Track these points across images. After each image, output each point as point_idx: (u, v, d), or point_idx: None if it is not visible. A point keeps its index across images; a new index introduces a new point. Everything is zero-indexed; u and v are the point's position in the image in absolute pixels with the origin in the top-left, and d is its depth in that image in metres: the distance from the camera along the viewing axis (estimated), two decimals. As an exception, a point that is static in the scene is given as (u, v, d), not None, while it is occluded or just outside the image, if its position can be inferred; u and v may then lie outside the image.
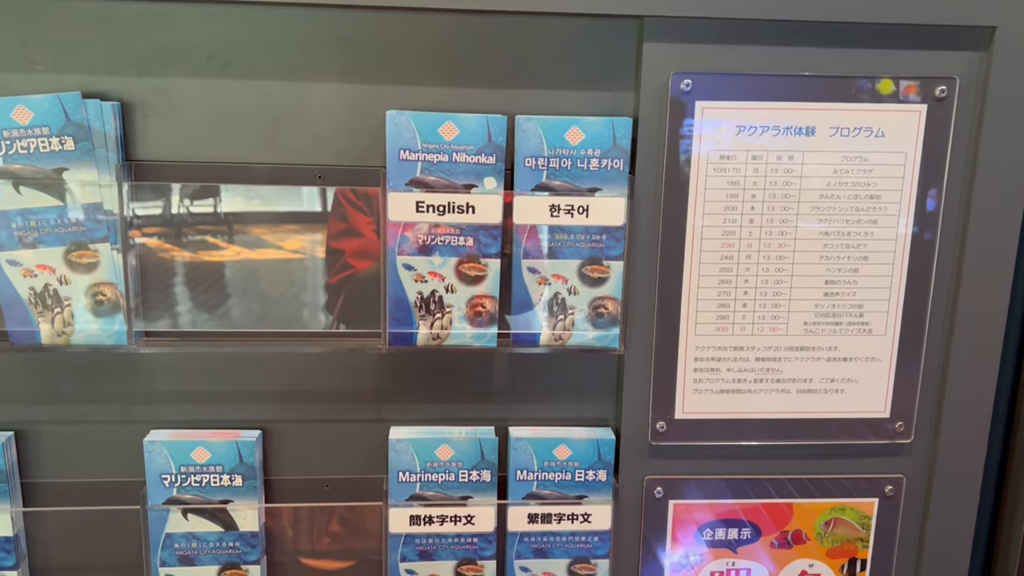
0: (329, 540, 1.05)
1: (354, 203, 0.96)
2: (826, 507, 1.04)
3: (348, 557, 1.06)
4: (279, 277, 0.97)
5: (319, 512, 1.04)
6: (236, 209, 0.94)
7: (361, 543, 1.05)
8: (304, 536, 1.05)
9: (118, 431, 0.99)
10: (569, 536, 1.03)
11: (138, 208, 0.92)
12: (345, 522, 1.05)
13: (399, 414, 1.03)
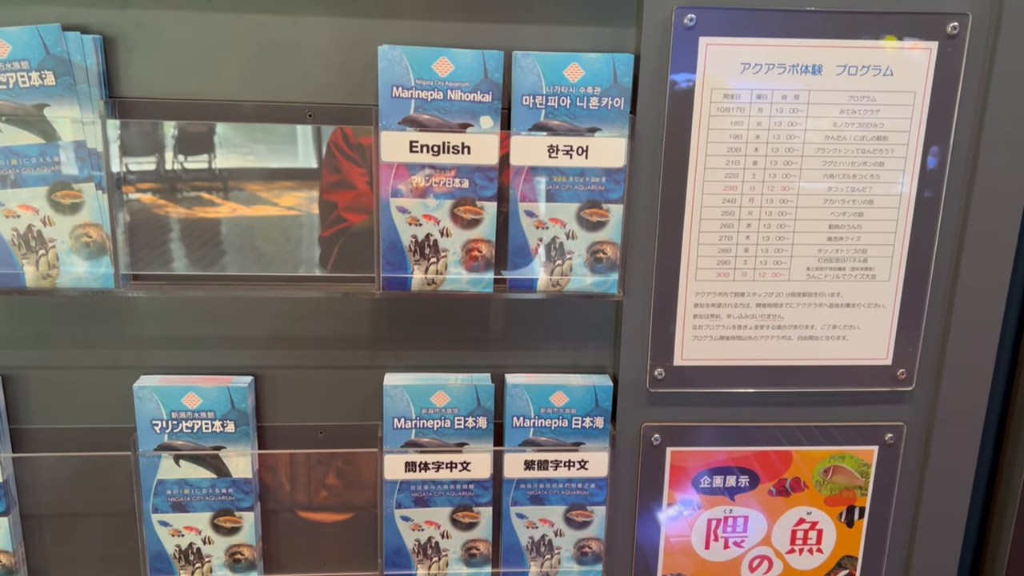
0: (326, 493, 1.04)
1: (347, 154, 0.93)
2: (825, 455, 1.03)
3: (345, 510, 1.05)
4: (274, 234, 0.95)
5: (315, 465, 1.03)
6: (231, 165, 0.92)
7: (358, 496, 1.04)
8: (301, 489, 1.04)
9: (107, 377, 0.97)
10: (566, 483, 1.02)
11: (131, 163, 0.90)
12: (342, 475, 1.04)
13: (394, 361, 1.01)
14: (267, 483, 1.02)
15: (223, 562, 1.00)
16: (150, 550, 0.99)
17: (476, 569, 1.04)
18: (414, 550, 1.02)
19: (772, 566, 1.06)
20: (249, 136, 0.92)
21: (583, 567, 1.05)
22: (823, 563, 1.07)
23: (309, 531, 1.05)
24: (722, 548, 1.06)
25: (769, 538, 1.05)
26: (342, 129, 0.92)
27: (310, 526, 1.05)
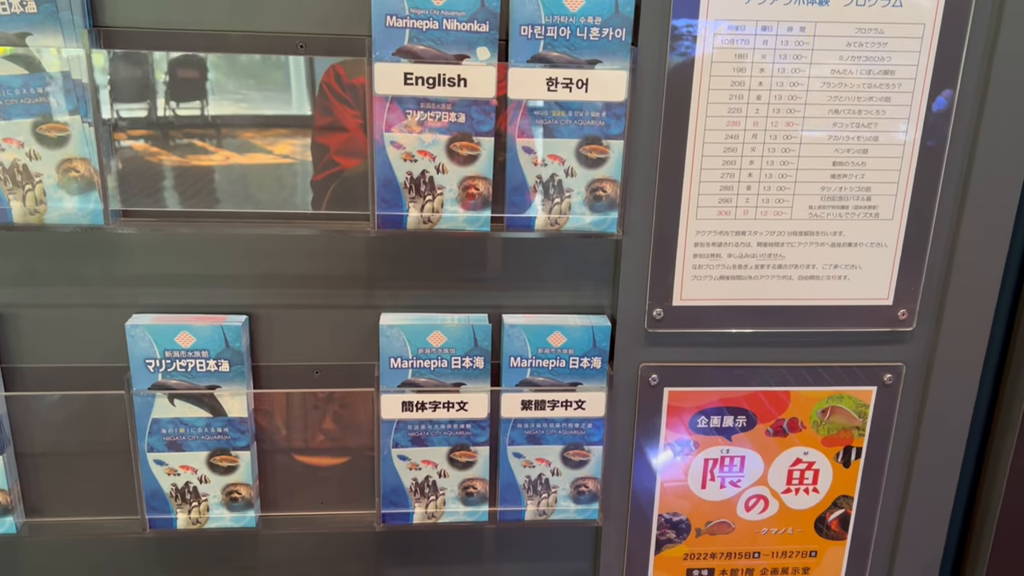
0: (323, 437, 1.04)
1: (339, 95, 0.91)
2: (823, 395, 1.03)
3: (342, 454, 1.05)
4: (268, 182, 0.93)
5: (312, 409, 1.03)
6: (224, 112, 0.89)
7: (355, 439, 1.04)
8: (298, 433, 1.03)
9: (99, 315, 0.96)
10: (563, 423, 1.02)
11: (122, 109, 0.87)
12: (338, 419, 1.04)
13: (390, 300, 1.00)
14: (264, 427, 1.01)
15: (220, 501, 1.00)
16: (146, 489, 0.99)
17: (473, 507, 1.04)
18: (411, 489, 1.02)
19: (768, 505, 1.07)
20: (242, 82, 0.89)
21: (579, 506, 1.05)
22: (819, 503, 1.07)
23: (306, 474, 1.05)
24: (718, 488, 1.06)
25: (765, 478, 1.06)
26: (335, 69, 0.89)
27: (307, 469, 1.05)
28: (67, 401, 0.97)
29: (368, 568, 1.10)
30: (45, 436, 0.99)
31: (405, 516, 1.03)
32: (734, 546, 1.08)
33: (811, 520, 1.08)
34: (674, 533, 1.08)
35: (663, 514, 1.07)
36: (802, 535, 1.08)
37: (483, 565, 1.12)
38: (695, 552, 1.08)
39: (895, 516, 1.09)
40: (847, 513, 1.08)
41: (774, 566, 1.09)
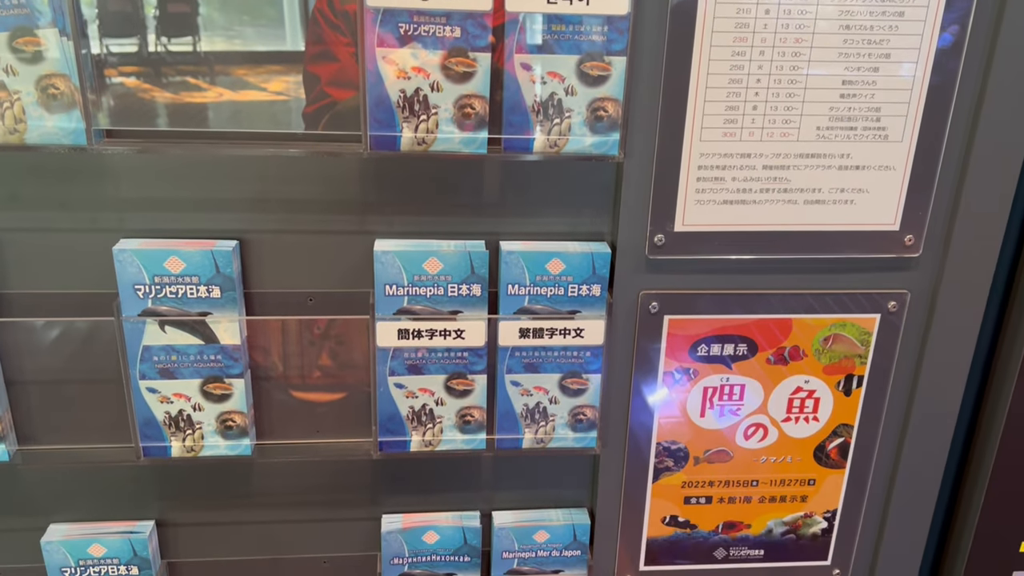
0: (319, 373, 1.03)
1: (331, 21, 0.87)
2: (826, 323, 1.01)
3: (339, 390, 1.04)
4: (263, 120, 0.91)
5: (308, 346, 1.01)
6: (216, 48, 0.86)
7: (352, 376, 1.03)
8: (294, 370, 1.02)
9: (86, 240, 0.94)
10: (561, 351, 1.00)
11: (112, 44, 0.84)
12: (335, 355, 1.02)
13: (384, 227, 0.97)
14: (260, 363, 1.00)
15: (214, 429, 0.99)
16: (139, 417, 0.97)
17: (471, 436, 1.03)
18: (408, 417, 1.01)
19: (767, 434, 1.06)
20: (234, 18, 0.86)
21: (577, 434, 1.04)
22: (819, 431, 1.06)
23: (303, 405, 1.04)
24: (717, 416, 1.05)
25: (765, 406, 1.05)
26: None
27: (304, 405, 1.04)
28: (56, 328, 0.95)
29: (366, 497, 1.10)
30: (35, 363, 0.97)
31: (402, 444, 1.03)
32: (732, 474, 1.08)
33: (810, 449, 1.07)
34: (672, 461, 1.07)
35: (661, 442, 1.06)
36: (801, 464, 1.08)
37: (481, 492, 1.11)
38: (693, 480, 1.08)
39: (895, 445, 1.09)
40: (847, 442, 1.07)
41: (772, 494, 1.09)
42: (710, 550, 1.12)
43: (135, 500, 1.06)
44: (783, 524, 1.11)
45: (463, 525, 1.09)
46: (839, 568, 1.14)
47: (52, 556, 1.02)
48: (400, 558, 1.09)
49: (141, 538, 1.03)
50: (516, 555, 1.11)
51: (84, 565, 1.03)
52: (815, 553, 1.13)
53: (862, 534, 1.13)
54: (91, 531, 1.04)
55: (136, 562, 1.04)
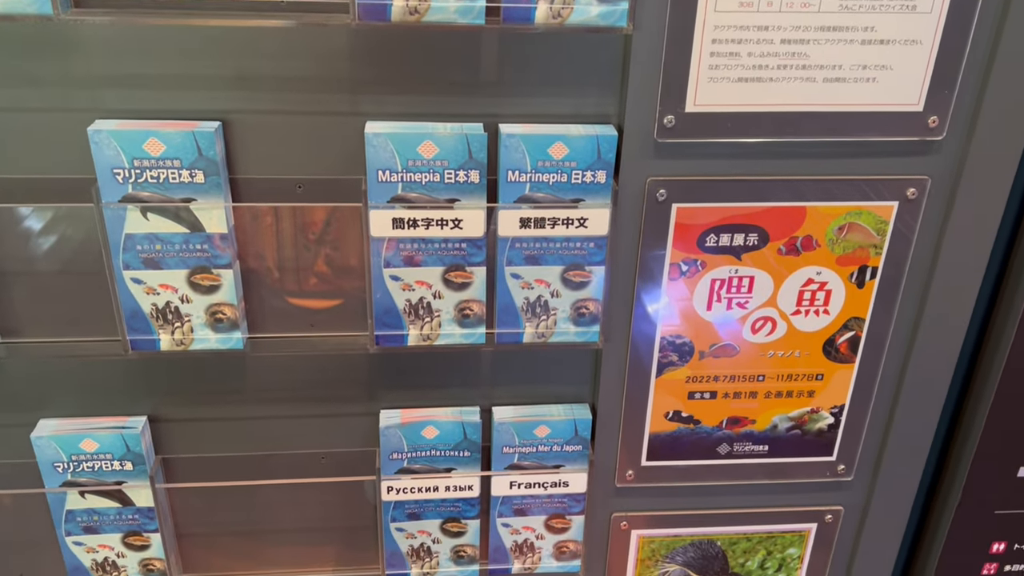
0: (316, 280, 0.99)
1: None
2: (842, 211, 0.96)
3: (335, 296, 1.00)
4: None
5: (303, 251, 0.97)
6: None
7: (348, 282, 0.99)
8: (290, 276, 0.98)
9: (58, 121, 0.88)
10: (563, 242, 0.96)
11: None
12: (330, 262, 0.98)
13: (375, 107, 0.92)
14: (254, 268, 0.96)
15: (204, 322, 0.95)
16: (125, 309, 0.94)
17: (470, 330, 1.00)
18: (405, 310, 0.98)
19: (776, 327, 1.03)
20: None
21: (580, 328, 1.01)
22: (829, 324, 1.03)
23: (298, 309, 1.00)
24: (724, 309, 1.01)
25: (775, 299, 1.01)
26: None
27: (302, 313, 1.00)
28: (32, 215, 0.91)
29: (363, 392, 1.08)
30: (13, 253, 0.93)
31: (399, 338, 1.00)
32: (738, 369, 1.05)
33: (819, 343, 1.04)
34: (676, 356, 1.04)
35: (665, 337, 1.03)
36: (809, 358, 1.05)
37: (481, 388, 1.09)
38: (697, 375, 1.05)
39: (906, 340, 1.06)
40: (857, 336, 1.04)
41: (778, 389, 1.07)
42: (713, 446, 1.10)
43: (126, 395, 1.04)
44: (789, 420, 1.09)
45: (463, 420, 1.07)
46: (844, 464, 1.12)
47: (43, 451, 1.01)
48: (399, 453, 1.07)
49: (134, 433, 1.01)
50: (516, 450, 1.09)
51: (77, 460, 1.01)
52: (820, 449, 1.11)
53: (868, 430, 1.11)
54: (82, 426, 1.01)
55: (130, 457, 1.02)
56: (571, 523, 1.14)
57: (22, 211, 0.91)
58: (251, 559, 1.16)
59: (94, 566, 1.08)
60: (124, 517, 1.05)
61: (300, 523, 1.15)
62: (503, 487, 1.11)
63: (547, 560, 1.16)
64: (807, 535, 1.17)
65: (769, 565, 1.19)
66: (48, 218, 0.91)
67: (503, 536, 1.14)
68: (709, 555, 1.19)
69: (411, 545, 1.13)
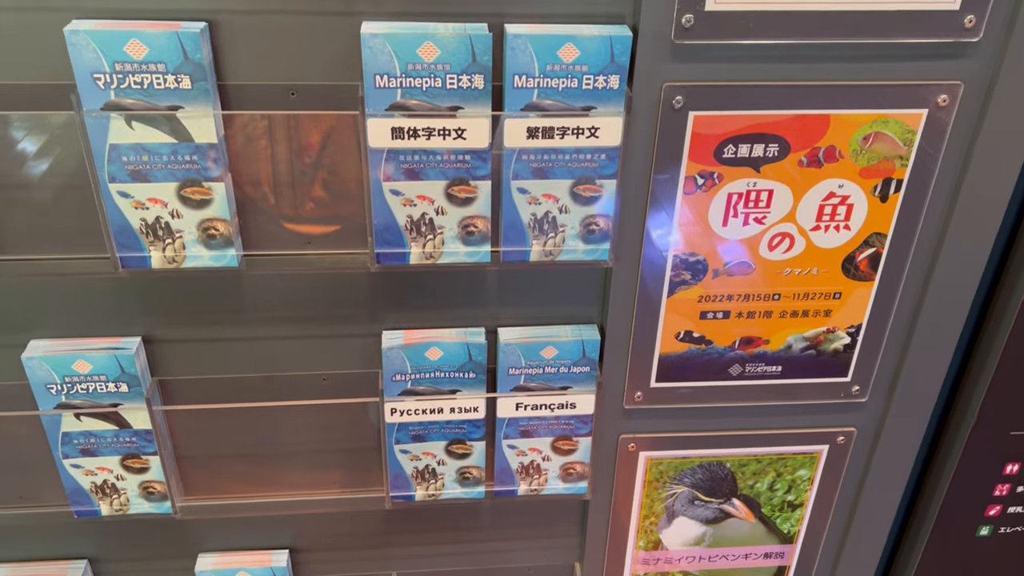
0: (313, 205, 0.94)
1: None
2: (867, 119, 0.91)
3: (333, 222, 0.96)
4: None
5: (299, 176, 0.92)
6: None
7: (346, 207, 0.94)
8: (287, 201, 0.94)
9: (32, 21, 0.82)
10: (573, 154, 0.91)
11: None
12: (328, 186, 0.94)
13: (372, 6, 0.85)
14: (249, 194, 0.91)
15: (196, 238, 0.91)
16: (113, 225, 0.89)
17: (474, 248, 0.96)
18: (406, 227, 0.93)
19: (794, 244, 0.98)
20: None
21: (589, 246, 0.97)
22: (850, 240, 0.99)
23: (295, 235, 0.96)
24: (741, 225, 0.97)
25: (794, 214, 0.97)
26: None
27: (298, 238, 0.96)
28: (8, 123, 0.85)
29: (364, 313, 1.04)
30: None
31: (401, 256, 0.95)
32: (753, 288, 1.01)
33: (839, 259, 1.00)
34: (689, 274, 1.00)
35: (679, 254, 0.99)
36: (827, 275, 1.01)
37: (486, 309, 1.05)
38: (711, 294, 1.02)
39: (929, 256, 1.01)
40: (878, 252, 1.00)
41: (794, 308, 1.03)
42: (725, 366, 1.07)
43: (119, 315, 1.00)
44: (804, 340, 1.05)
45: (467, 341, 1.04)
46: (859, 385, 1.10)
47: (35, 373, 0.98)
48: (402, 375, 1.05)
49: (127, 354, 0.98)
50: (523, 371, 1.06)
51: (70, 382, 0.98)
52: (835, 370, 1.08)
53: (885, 351, 1.08)
54: (74, 347, 0.98)
55: (124, 379, 0.99)
56: (578, 445, 1.12)
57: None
58: (254, 482, 1.14)
59: (93, 488, 1.06)
60: (122, 439, 1.02)
61: (303, 446, 1.13)
62: (509, 409, 1.09)
63: (553, 482, 1.14)
64: (818, 457, 1.15)
65: (779, 487, 1.18)
66: (28, 128, 0.86)
67: (509, 458, 1.12)
68: (718, 477, 1.17)
69: (415, 467, 1.11)
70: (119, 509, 1.08)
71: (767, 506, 1.20)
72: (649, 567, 1.24)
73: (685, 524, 1.21)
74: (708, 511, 1.20)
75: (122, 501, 1.08)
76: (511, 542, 1.24)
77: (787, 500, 1.19)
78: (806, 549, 1.24)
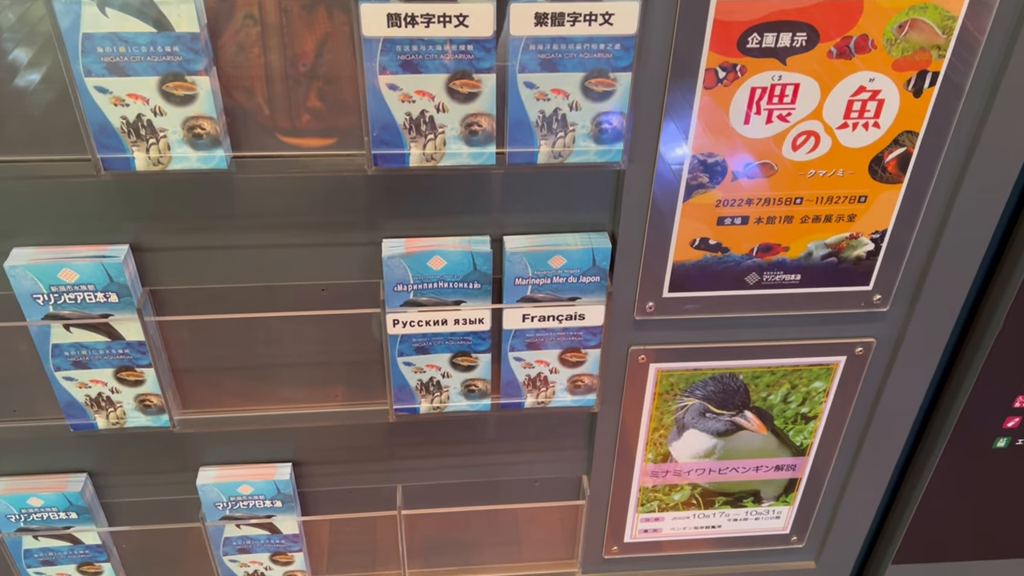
0: (309, 117, 0.89)
1: None
2: (905, 4, 0.84)
3: (329, 135, 0.90)
4: None
5: (294, 87, 0.86)
6: None
7: (343, 119, 0.89)
8: (282, 113, 0.88)
9: None
10: (585, 43, 0.84)
11: None
12: (324, 97, 0.88)
13: None
14: (243, 104, 0.86)
15: (181, 137, 0.85)
16: (92, 124, 0.83)
17: (478, 148, 0.90)
18: (404, 125, 0.87)
19: (819, 143, 0.92)
20: None
21: (601, 146, 0.91)
22: (879, 139, 0.92)
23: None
24: (764, 123, 0.91)
25: (820, 110, 0.90)
26: None
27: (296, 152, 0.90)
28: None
29: (363, 219, 0.99)
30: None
31: (400, 158, 0.90)
32: (774, 191, 0.96)
33: (866, 160, 0.94)
34: (707, 177, 0.94)
35: (696, 155, 0.93)
36: (853, 178, 0.95)
37: (491, 216, 1.00)
38: (729, 198, 0.96)
39: (962, 157, 0.95)
40: (908, 152, 0.94)
41: (816, 213, 0.98)
42: (742, 275, 1.02)
43: (105, 222, 0.95)
44: (825, 246, 1.00)
45: (472, 250, 0.99)
46: (880, 294, 1.05)
47: (20, 282, 0.93)
48: (404, 285, 1.00)
49: (115, 262, 0.93)
50: (530, 282, 1.02)
51: (57, 292, 0.94)
52: (856, 278, 1.03)
53: (910, 258, 1.03)
54: (59, 255, 0.94)
55: (113, 288, 0.95)
56: (587, 357, 1.08)
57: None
58: (254, 396, 1.11)
59: (88, 401, 1.03)
60: (114, 351, 0.99)
61: (303, 359, 1.10)
62: (515, 320, 1.05)
63: (561, 394, 1.11)
64: (835, 369, 1.12)
65: (793, 399, 1.15)
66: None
67: (515, 370, 1.09)
68: (730, 389, 1.14)
69: (420, 379, 1.08)
70: (116, 423, 1.05)
71: (780, 419, 1.17)
72: (658, 479, 1.22)
73: (695, 437, 1.18)
74: (719, 423, 1.17)
75: (118, 414, 1.05)
76: (517, 455, 1.22)
77: (801, 412, 1.16)
78: (818, 461, 1.22)
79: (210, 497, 1.15)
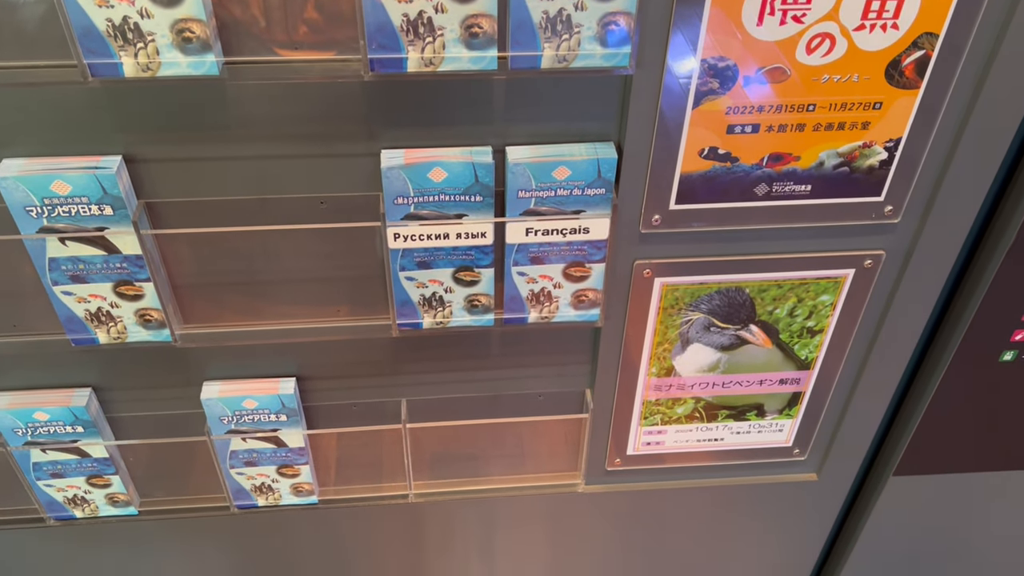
0: (306, 29, 0.85)
1: None
2: None
3: (327, 48, 0.87)
4: None
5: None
6: None
7: (342, 31, 0.85)
8: (278, 24, 0.85)
9: None
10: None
11: None
12: (321, 7, 0.84)
13: None
14: (238, 16, 0.82)
15: (170, 41, 0.82)
16: (76, 26, 0.80)
17: (478, 52, 0.86)
18: (402, 27, 0.84)
19: (835, 46, 0.89)
20: None
21: (607, 49, 0.87)
22: (897, 41, 0.89)
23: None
24: (777, 24, 0.87)
25: (837, 11, 0.86)
26: None
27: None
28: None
29: (361, 129, 0.96)
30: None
31: (398, 63, 0.86)
32: (786, 97, 0.92)
33: (883, 64, 0.90)
34: (718, 82, 0.91)
35: (707, 59, 0.89)
36: (869, 83, 0.92)
37: (493, 126, 0.97)
38: (739, 105, 0.93)
39: (983, 61, 0.91)
40: (927, 55, 0.90)
41: (829, 120, 0.94)
42: (751, 186, 1.00)
43: (96, 132, 0.93)
44: (837, 156, 0.98)
45: (473, 161, 0.96)
46: (892, 205, 1.03)
47: (12, 194, 0.91)
48: (404, 197, 0.98)
49: (108, 174, 0.91)
50: (533, 194, 0.99)
51: (50, 204, 0.92)
52: (868, 189, 1.01)
53: (924, 168, 1.00)
54: (51, 166, 0.91)
55: (108, 201, 0.93)
56: (591, 271, 1.07)
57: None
58: (256, 312, 1.10)
59: (88, 316, 1.02)
60: (112, 265, 0.97)
61: (304, 274, 1.08)
62: (519, 234, 1.03)
63: (565, 309, 1.10)
64: (843, 282, 1.10)
65: (799, 312, 1.14)
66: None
67: (519, 285, 1.07)
68: (736, 303, 1.12)
69: (422, 295, 1.07)
70: (117, 337, 1.05)
71: (785, 332, 1.16)
72: (661, 393, 1.22)
73: (699, 351, 1.18)
74: (724, 338, 1.16)
75: (119, 329, 1.04)
76: (521, 369, 1.22)
77: (807, 326, 1.15)
78: (823, 375, 1.22)
79: (215, 411, 1.16)
